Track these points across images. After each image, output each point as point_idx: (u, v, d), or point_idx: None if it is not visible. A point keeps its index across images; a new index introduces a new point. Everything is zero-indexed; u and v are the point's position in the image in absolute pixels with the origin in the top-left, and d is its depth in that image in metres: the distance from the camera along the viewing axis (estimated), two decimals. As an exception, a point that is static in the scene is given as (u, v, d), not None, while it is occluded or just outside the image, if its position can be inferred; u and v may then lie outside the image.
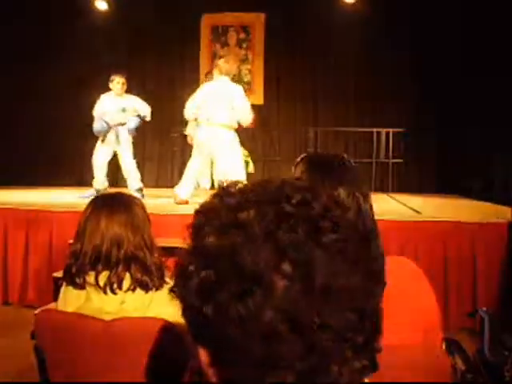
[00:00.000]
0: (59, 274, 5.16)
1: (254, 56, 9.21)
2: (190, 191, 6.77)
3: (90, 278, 2.10)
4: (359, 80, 8.84)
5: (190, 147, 8.65)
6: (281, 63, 9.01)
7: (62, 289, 2.24)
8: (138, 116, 7.06)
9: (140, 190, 7.20)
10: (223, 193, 0.79)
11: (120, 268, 2.08)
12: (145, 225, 2.19)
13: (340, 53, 8.71)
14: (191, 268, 0.74)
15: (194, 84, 8.99)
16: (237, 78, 9.22)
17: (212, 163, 8.38)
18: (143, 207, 2.25)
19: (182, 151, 9.06)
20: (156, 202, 6.71)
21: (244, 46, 9.29)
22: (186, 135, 8.26)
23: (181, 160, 9.05)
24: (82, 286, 2.11)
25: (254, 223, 0.71)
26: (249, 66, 9.28)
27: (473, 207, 6.63)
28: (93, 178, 7.31)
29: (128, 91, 7.25)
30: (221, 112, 6.33)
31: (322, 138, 9.03)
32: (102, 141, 7.08)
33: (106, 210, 2.13)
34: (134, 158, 7.24)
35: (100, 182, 7.24)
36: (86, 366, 2.05)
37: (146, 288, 2.10)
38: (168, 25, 9.00)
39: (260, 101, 9.16)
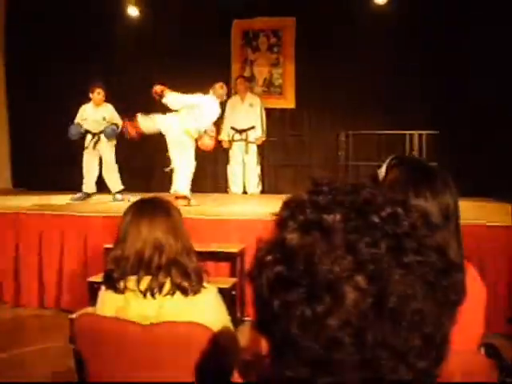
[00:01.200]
0: (95, 278, 5.23)
1: (285, 60, 9.20)
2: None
3: (131, 283, 2.11)
4: (391, 82, 8.75)
5: (222, 152, 8.71)
6: (312, 67, 8.98)
7: (101, 293, 2.26)
8: (115, 124, 7.47)
9: (120, 192, 7.60)
10: (313, 189, 0.77)
11: (161, 274, 2.09)
12: (184, 230, 2.20)
13: (371, 55, 8.63)
14: (268, 259, 0.73)
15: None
16: (268, 82, 9.26)
17: (244, 169, 8.42)
18: (180, 212, 2.26)
19: (214, 155, 9.09)
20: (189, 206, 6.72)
21: (275, 50, 9.27)
22: (219, 141, 8.32)
23: (213, 164, 9.09)
24: (122, 291, 2.12)
25: (338, 229, 0.70)
26: (280, 70, 9.26)
27: (506, 210, 6.51)
28: (82, 182, 7.67)
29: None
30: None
31: (354, 141, 8.97)
32: (87, 148, 7.54)
33: (147, 215, 2.14)
34: (116, 161, 7.64)
35: (90, 186, 7.64)
36: (124, 370, 2.06)
37: (185, 293, 2.10)
38: (199, 31, 9.04)
39: (291, 105, 9.15)
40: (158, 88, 6.90)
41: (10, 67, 9.83)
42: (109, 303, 2.17)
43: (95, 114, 7.50)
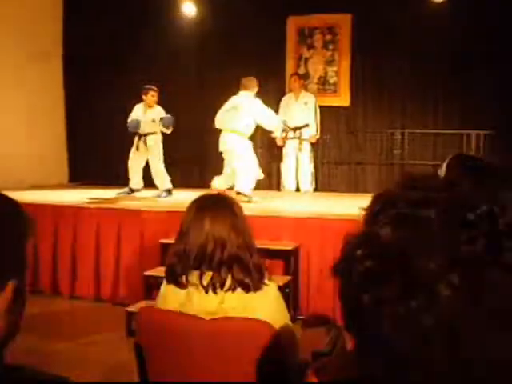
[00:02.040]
0: (150, 272, 5.30)
1: (341, 57, 9.11)
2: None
3: (193, 277, 2.12)
4: (448, 80, 8.59)
5: (275, 149, 8.71)
6: (368, 64, 8.88)
7: (162, 287, 2.27)
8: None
9: (168, 190, 7.77)
10: (405, 184, 0.76)
11: (223, 269, 2.09)
12: (245, 226, 2.19)
13: (428, 53, 8.48)
14: (358, 253, 0.72)
15: (280, 86, 9.04)
16: (322, 80, 9.20)
17: (297, 167, 8.40)
18: (242, 209, 2.26)
19: (267, 153, 9.10)
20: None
21: (330, 47, 9.19)
22: (273, 138, 8.31)
23: (266, 162, 9.10)
24: (184, 285, 2.13)
25: (433, 224, 0.69)
26: (335, 68, 9.18)
27: None
28: (128, 179, 7.91)
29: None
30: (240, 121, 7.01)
31: (409, 140, 8.84)
32: (137, 149, 7.75)
33: (210, 211, 2.15)
34: (164, 162, 7.81)
35: (136, 183, 7.89)
36: (186, 364, 2.07)
37: (246, 289, 2.10)
38: (253, 28, 9.05)
39: (346, 102, 9.06)
40: None
41: (67, 68, 10.08)
42: (171, 297, 2.18)
43: (145, 115, 7.66)
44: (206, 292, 2.09)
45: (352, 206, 6.74)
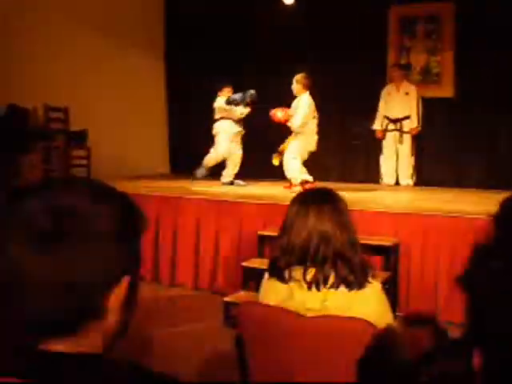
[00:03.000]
0: (248, 263, 5.35)
1: (444, 47, 8.78)
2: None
3: (297, 273, 2.10)
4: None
5: (375, 141, 8.53)
6: (472, 55, 8.50)
7: (264, 281, 2.27)
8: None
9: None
10: None
11: (327, 265, 2.06)
12: (350, 222, 2.15)
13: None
14: (493, 264, 0.69)
15: (379, 76, 8.84)
16: (425, 70, 8.93)
17: (397, 161, 8.20)
18: (347, 205, 2.22)
19: (366, 145, 8.92)
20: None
21: (433, 37, 8.88)
22: (372, 130, 8.18)
23: (365, 154, 8.95)
24: (287, 281, 2.12)
25: None
26: (438, 58, 8.86)
27: None
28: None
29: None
30: None
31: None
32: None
33: (315, 205, 2.12)
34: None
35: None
36: (286, 360, 2.06)
37: (349, 286, 2.06)
38: (355, 17, 8.89)
39: (449, 94, 8.72)
40: (281, 117, 7.16)
41: (170, 68, 10.46)
42: (272, 292, 2.18)
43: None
44: (309, 288, 2.07)
45: (455, 201, 6.48)
